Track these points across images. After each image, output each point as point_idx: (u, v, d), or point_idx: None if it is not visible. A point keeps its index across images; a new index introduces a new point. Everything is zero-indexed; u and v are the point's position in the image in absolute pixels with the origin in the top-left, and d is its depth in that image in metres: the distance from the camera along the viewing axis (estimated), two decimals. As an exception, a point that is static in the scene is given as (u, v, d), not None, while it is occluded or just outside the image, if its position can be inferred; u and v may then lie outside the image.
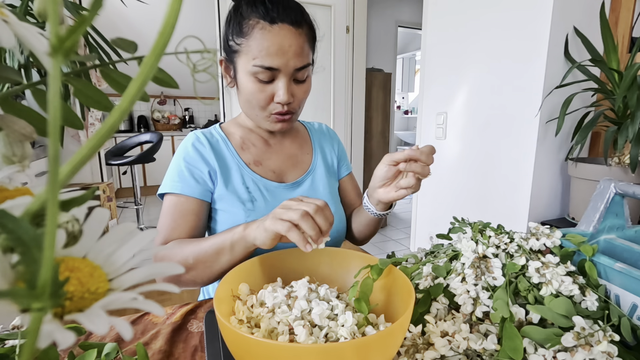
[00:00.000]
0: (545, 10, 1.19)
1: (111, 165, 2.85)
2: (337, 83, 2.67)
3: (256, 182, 0.74)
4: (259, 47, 0.63)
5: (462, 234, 0.52)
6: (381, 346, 0.34)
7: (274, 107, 0.68)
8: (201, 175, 0.70)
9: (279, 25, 0.63)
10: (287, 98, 0.66)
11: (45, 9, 0.16)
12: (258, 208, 0.72)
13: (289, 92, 0.66)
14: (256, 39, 0.63)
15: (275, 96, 0.66)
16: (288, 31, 0.63)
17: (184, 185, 0.69)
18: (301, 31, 0.65)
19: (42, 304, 0.12)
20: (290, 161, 0.80)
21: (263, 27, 0.63)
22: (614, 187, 0.53)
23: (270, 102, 0.68)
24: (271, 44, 0.63)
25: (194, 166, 0.70)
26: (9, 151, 0.21)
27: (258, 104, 0.68)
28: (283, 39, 0.63)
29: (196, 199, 0.69)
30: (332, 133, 0.92)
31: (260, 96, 0.66)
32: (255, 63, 0.63)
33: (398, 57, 5.21)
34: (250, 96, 0.67)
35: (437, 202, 1.76)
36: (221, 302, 0.41)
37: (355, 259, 0.52)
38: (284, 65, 0.64)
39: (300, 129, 0.88)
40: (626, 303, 0.44)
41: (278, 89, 0.66)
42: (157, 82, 0.23)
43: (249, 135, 0.78)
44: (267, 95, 0.67)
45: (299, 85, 0.69)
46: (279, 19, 0.63)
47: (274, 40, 0.63)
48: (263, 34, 0.63)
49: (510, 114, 1.35)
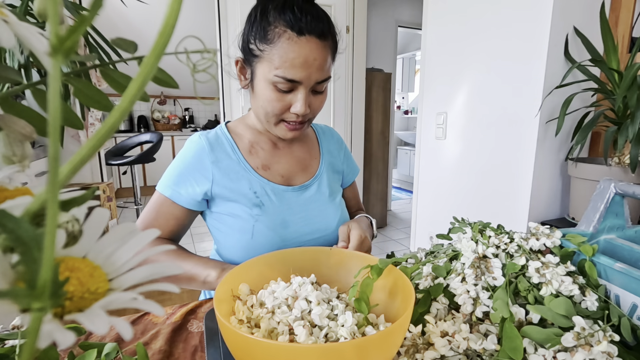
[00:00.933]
0: (545, 10, 1.19)
1: (111, 165, 2.85)
2: (337, 83, 2.66)
3: (264, 187, 0.73)
4: (284, 57, 0.61)
5: (462, 234, 0.52)
6: (381, 346, 0.34)
7: (288, 116, 0.68)
8: (194, 187, 0.70)
9: (307, 37, 0.61)
10: (304, 110, 0.65)
11: (45, 9, 0.16)
12: (266, 212, 0.71)
13: (306, 104, 0.65)
14: (281, 48, 0.61)
15: (292, 107, 0.66)
16: (315, 44, 0.62)
17: (174, 192, 0.70)
18: (326, 44, 0.64)
19: (42, 304, 0.12)
20: (299, 165, 0.80)
21: (290, 38, 0.61)
22: (614, 187, 0.53)
23: (286, 112, 0.67)
24: (296, 57, 0.61)
25: (191, 176, 0.70)
26: (9, 151, 0.21)
27: (273, 112, 0.67)
28: (309, 53, 0.61)
29: (181, 206, 0.70)
30: (339, 138, 0.92)
31: (277, 105, 0.65)
32: (277, 73, 0.62)
33: (398, 57, 5.21)
34: (267, 104, 0.66)
35: (437, 202, 1.76)
36: (221, 302, 0.41)
37: (355, 259, 0.52)
38: (306, 79, 0.63)
39: (309, 132, 0.87)
40: (626, 303, 0.44)
41: (296, 100, 0.65)
42: (157, 82, 0.23)
43: (258, 138, 0.77)
44: (285, 104, 0.66)
45: (316, 97, 0.68)
46: (307, 30, 0.61)
47: (300, 52, 0.61)
48: (289, 44, 0.61)
49: (510, 114, 1.35)
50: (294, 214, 0.74)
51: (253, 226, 0.70)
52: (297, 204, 0.75)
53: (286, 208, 0.74)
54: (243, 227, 0.70)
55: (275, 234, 0.71)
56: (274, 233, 0.71)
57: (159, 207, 0.71)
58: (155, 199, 0.71)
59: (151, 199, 0.72)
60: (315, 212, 0.76)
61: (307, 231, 0.75)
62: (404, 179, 5.16)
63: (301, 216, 0.75)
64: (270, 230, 0.71)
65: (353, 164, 0.91)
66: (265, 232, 0.70)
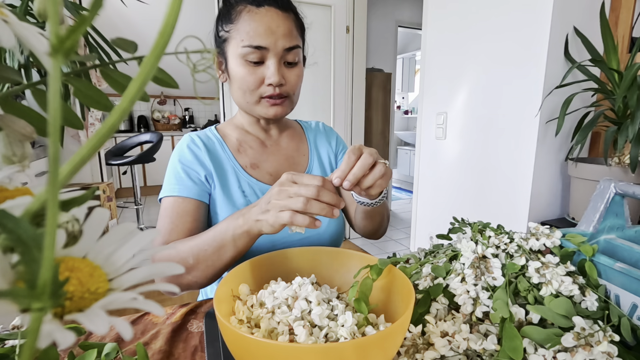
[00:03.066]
0: (545, 10, 1.19)
1: (111, 165, 2.85)
2: (337, 83, 2.66)
3: (252, 186, 0.73)
4: (247, 28, 0.65)
5: (461, 234, 0.52)
6: (381, 346, 0.34)
7: (265, 89, 0.68)
8: (198, 176, 0.69)
9: (266, 7, 0.65)
10: (277, 79, 0.66)
11: (45, 9, 0.16)
12: None
13: (279, 73, 0.66)
14: (244, 21, 0.65)
15: (266, 78, 0.66)
16: (275, 13, 0.65)
17: (181, 187, 0.68)
18: (288, 15, 0.67)
19: (42, 304, 0.12)
20: (287, 163, 0.80)
21: (250, 10, 0.65)
22: (614, 187, 0.53)
23: (261, 85, 0.67)
24: (259, 24, 0.64)
25: (190, 167, 0.70)
26: (9, 151, 0.21)
27: (249, 88, 0.67)
28: (270, 20, 0.65)
29: (193, 199, 0.68)
30: (329, 130, 0.91)
31: (251, 79, 0.66)
32: (243, 44, 0.65)
33: (398, 57, 5.21)
34: (241, 81, 0.67)
35: (437, 202, 1.76)
36: (221, 302, 0.41)
37: (355, 259, 0.52)
38: (273, 44, 0.65)
39: (296, 128, 0.87)
40: (626, 303, 0.44)
41: (268, 69, 0.66)
42: (157, 82, 0.23)
43: (246, 137, 0.78)
44: (258, 77, 0.67)
45: (290, 69, 0.69)
46: (266, 2, 0.65)
47: (262, 20, 0.64)
48: (250, 15, 0.65)
49: (510, 114, 1.35)
50: None
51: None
52: None
53: None
54: None
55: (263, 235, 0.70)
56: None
57: (170, 210, 0.68)
58: (164, 207, 0.69)
59: (160, 210, 0.69)
60: None
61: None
62: (404, 179, 5.16)
63: None
64: None
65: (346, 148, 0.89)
66: None
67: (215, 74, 0.75)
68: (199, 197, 0.69)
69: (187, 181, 0.69)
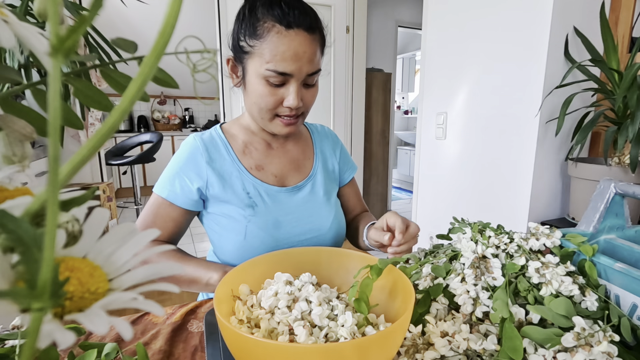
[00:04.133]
0: (545, 10, 1.19)
1: (111, 165, 2.85)
2: (337, 83, 2.66)
3: (257, 187, 0.73)
4: (274, 51, 0.62)
5: (461, 234, 0.52)
6: (381, 346, 0.34)
7: (282, 110, 0.68)
8: (190, 187, 0.70)
9: (295, 30, 0.63)
10: (297, 103, 0.66)
11: (45, 9, 0.16)
12: (259, 213, 0.71)
13: (299, 97, 0.66)
14: (271, 42, 0.63)
15: (285, 100, 0.67)
16: (303, 37, 0.63)
17: (170, 193, 0.70)
18: (314, 37, 0.65)
19: (42, 304, 0.12)
20: (292, 165, 0.80)
21: (279, 32, 0.62)
22: (614, 187, 0.53)
23: (279, 106, 0.68)
24: (286, 49, 0.62)
25: (186, 176, 0.70)
26: (9, 151, 0.21)
27: (267, 107, 0.67)
28: (298, 45, 0.63)
29: (179, 207, 0.71)
30: (335, 137, 0.91)
31: (270, 99, 0.66)
32: (268, 67, 0.63)
33: (398, 57, 5.21)
34: (260, 99, 0.67)
35: (437, 202, 1.76)
36: (221, 302, 0.41)
37: (355, 259, 0.52)
38: (297, 71, 0.64)
39: (303, 132, 0.87)
40: (626, 303, 0.44)
41: (289, 93, 0.66)
42: (157, 82, 0.23)
43: (252, 138, 0.77)
44: (277, 99, 0.67)
45: (308, 90, 0.69)
46: (295, 24, 0.63)
47: (290, 45, 0.62)
48: (279, 38, 0.62)
49: (510, 114, 1.35)
50: (287, 214, 0.74)
51: (246, 227, 0.70)
52: (290, 205, 0.75)
53: (279, 209, 0.74)
54: (236, 228, 0.71)
55: (268, 235, 0.71)
56: (267, 234, 0.71)
57: (157, 209, 0.71)
58: (152, 201, 0.72)
59: (149, 201, 0.72)
60: (308, 212, 0.76)
61: (300, 231, 0.75)
62: (404, 179, 5.16)
63: (294, 217, 0.75)
64: (262, 231, 0.71)
65: (350, 162, 0.91)
66: (258, 233, 0.70)
67: (215, 73, 0.75)
68: (184, 206, 0.71)
69: (178, 189, 0.70)
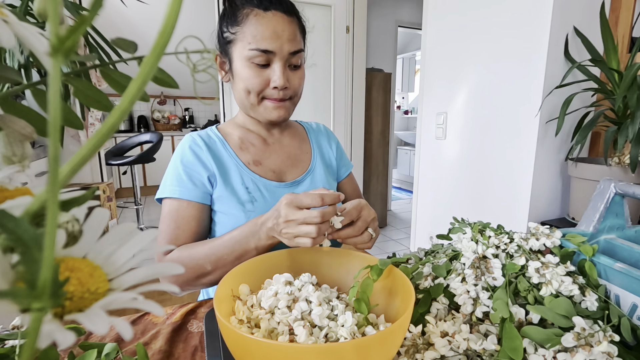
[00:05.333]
0: (545, 10, 1.19)
1: (111, 165, 2.85)
2: (337, 83, 2.66)
3: (255, 182, 0.73)
4: (254, 31, 0.66)
5: (462, 234, 0.52)
6: (381, 346, 0.34)
7: (270, 92, 0.70)
8: (200, 178, 0.70)
9: (272, 12, 0.67)
10: (283, 82, 0.68)
11: (45, 9, 0.16)
12: (258, 208, 0.72)
13: (284, 76, 0.68)
14: (251, 24, 0.66)
15: (271, 81, 0.68)
16: (281, 17, 0.67)
17: (183, 190, 0.68)
18: (292, 19, 0.69)
19: (42, 304, 0.12)
20: (290, 160, 0.80)
21: (257, 14, 0.66)
22: (614, 187, 0.53)
23: (266, 87, 0.69)
24: (266, 28, 0.66)
25: (192, 169, 0.70)
26: (9, 151, 0.21)
27: (254, 89, 0.69)
28: (276, 24, 0.66)
29: (197, 203, 0.69)
30: (330, 133, 0.92)
31: (256, 81, 0.68)
32: (251, 47, 0.66)
33: (398, 57, 5.21)
34: (247, 82, 0.68)
35: (437, 202, 1.76)
36: (221, 302, 0.41)
37: (355, 259, 0.52)
38: (279, 49, 0.67)
39: (298, 128, 0.88)
40: (626, 303, 0.44)
41: (274, 73, 0.68)
42: (157, 82, 0.23)
43: (247, 135, 0.78)
44: (263, 80, 0.68)
45: (294, 72, 0.71)
46: (272, 6, 0.67)
47: (269, 24, 0.66)
48: (257, 19, 0.66)
49: (510, 114, 1.35)
50: None
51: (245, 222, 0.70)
52: None
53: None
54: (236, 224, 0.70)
55: None
56: None
57: (175, 214, 0.68)
58: (167, 210, 0.69)
59: (163, 212, 0.69)
60: None
61: None
62: (404, 179, 5.16)
63: None
64: None
65: (345, 158, 0.92)
66: None
67: (215, 73, 0.75)
68: (202, 201, 0.70)
69: (189, 184, 0.69)
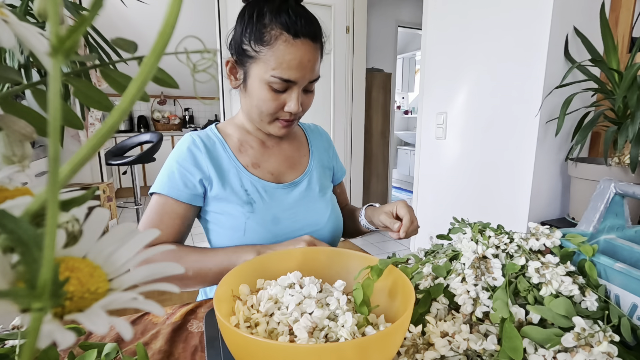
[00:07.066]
0: (545, 10, 1.19)
1: (111, 165, 2.85)
2: (337, 83, 2.66)
3: (254, 184, 0.74)
4: (281, 59, 0.64)
5: (462, 235, 0.52)
6: (381, 346, 0.34)
7: (282, 114, 0.71)
8: (192, 180, 0.70)
9: (302, 40, 0.65)
10: (298, 109, 0.68)
11: (45, 9, 0.16)
12: (257, 210, 0.72)
13: (299, 102, 0.69)
14: (278, 50, 0.64)
15: (287, 106, 0.69)
16: (309, 46, 0.66)
17: (173, 189, 0.69)
18: (317, 46, 0.68)
19: (42, 304, 0.12)
20: (288, 162, 0.81)
21: (287, 40, 0.64)
22: (614, 187, 0.53)
23: (280, 110, 0.70)
24: (293, 58, 0.64)
25: (186, 170, 0.70)
26: (9, 151, 0.21)
27: (268, 111, 0.69)
28: (304, 54, 0.65)
29: (183, 202, 0.70)
30: (326, 136, 0.94)
31: (272, 104, 0.68)
32: (274, 74, 0.65)
33: (398, 57, 5.20)
34: (262, 103, 0.68)
35: (437, 202, 1.76)
36: (221, 302, 0.41)
37: (355, 259, 0.52)
38: (301, 79, 0.67)
39: (297, 130, 0.89)
40: (626, 303, 0.44)
41: (290, 99, 0.68)
42: (157, 82, 0.23)
43: (247, 137, 0.79)
44: (279, 104, 0.69)
45: (307, 95, 0.72)
46: (302, 33, 0.65)
47: (296, 54, 0.64)
48: (286, 47, 0.64)
49: (510, 114, 1.35)
50: (285, 210, 0.75)
51: (245, 223, 0.71)
52: (288, 201, 0.77)
53: (277, 205, 0.75)
54: (235, 225, 0.71)
55: (267, 231, 0.72)
56: (265, 229, 0.72)
57: (161, 208, 0.70)
58: (155, 202, 0.70)
59: (150, 204, 0.71)
60: (305, 208, 0.78)
61: (298, 227, 0.76)
62: (404, 179, 5.16)
63: (292, 212, 0.76)
64: (261, 227, 0.72)
65: (340, 165, 0.94)
66: (257, 229, 0.71)
67: (215, 73, 0.75)
68: (189, 202, 0.71)
69: (179, 184, 0.70)
